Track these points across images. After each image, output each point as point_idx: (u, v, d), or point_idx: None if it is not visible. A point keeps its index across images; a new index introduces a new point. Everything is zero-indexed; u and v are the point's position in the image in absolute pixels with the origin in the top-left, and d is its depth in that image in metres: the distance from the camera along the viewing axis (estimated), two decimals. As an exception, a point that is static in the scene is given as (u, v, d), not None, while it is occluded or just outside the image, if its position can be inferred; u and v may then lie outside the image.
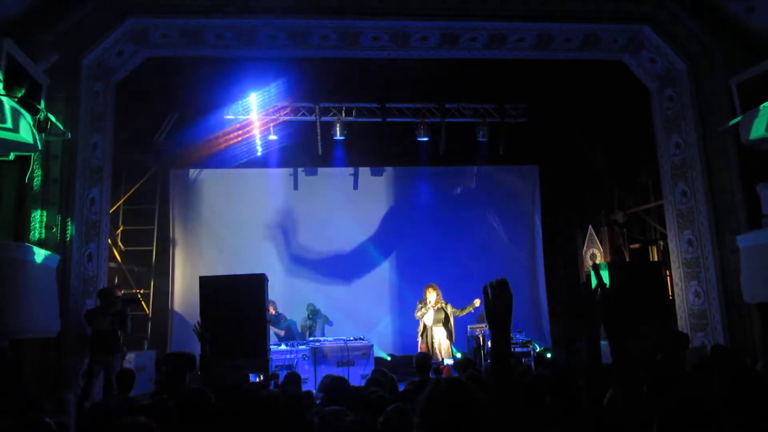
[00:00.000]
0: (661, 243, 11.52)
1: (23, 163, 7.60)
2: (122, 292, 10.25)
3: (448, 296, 10.63)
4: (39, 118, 6.98)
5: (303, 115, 12.03)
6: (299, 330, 11.53)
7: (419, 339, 9.96)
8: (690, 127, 9.21)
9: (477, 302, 9.98)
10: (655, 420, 2.45)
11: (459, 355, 9.86)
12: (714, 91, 8.87)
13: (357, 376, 9.74)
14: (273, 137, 11.89)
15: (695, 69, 9.12)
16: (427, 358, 7.17)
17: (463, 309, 9.91)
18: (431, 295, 9.79)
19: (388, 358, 11.39)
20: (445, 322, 9.74)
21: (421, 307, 9.84)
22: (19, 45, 6.92)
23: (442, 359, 9.47)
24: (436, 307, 9.70)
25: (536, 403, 4.12)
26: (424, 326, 9.77)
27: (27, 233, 7.47)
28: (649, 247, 12.16)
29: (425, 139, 12.09)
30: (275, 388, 5.89)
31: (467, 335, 10.60)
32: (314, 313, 11.58)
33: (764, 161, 8.38)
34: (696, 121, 9.09)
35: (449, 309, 9.79)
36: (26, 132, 6.96)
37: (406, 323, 11.17)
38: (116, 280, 10.92)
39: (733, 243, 8.50)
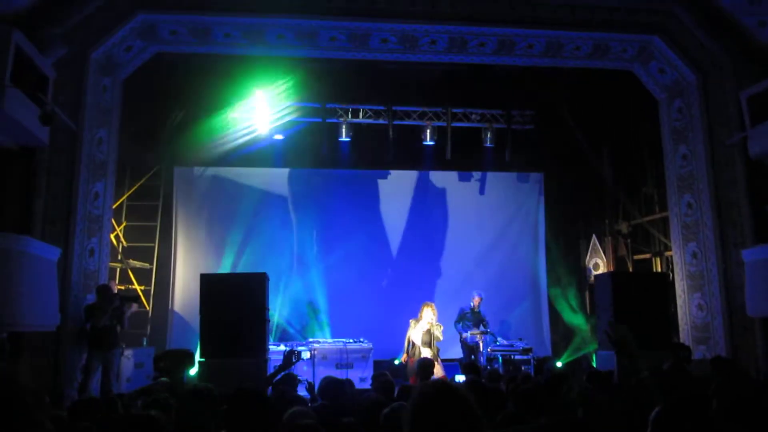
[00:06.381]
0: (666, 255, 11.46)
1: (28, 155, 7.59)
2: (117, 288, 10.23)
3: (449, 302, 10.59)
4: (45, 111, 6.96)
5: (309, 115, 12.01)
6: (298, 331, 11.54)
7: (404, 355, 9.77)
8: (698, 139, 9.17)
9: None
10: (650, 422, 2.44)
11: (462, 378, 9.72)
12: (723, 104, 8.82)
13: (356, 379, 9.70)
14: (278, 137, 11.87)
15: (705, 81, 9.07)
16: (431, 364, 7.09)
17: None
18: (427, 314, 9.57)
19: (397, 363, 11.31)
20: (431, 344, 9.56)
21: (413, 327, 9.67)
22: (28, 37, 6.92)
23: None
24: (424, 329, 9.53)
25: (534, 409, 4.10)
26: (413, 344, 9.59)
27: (29, 225, 7.44)
28: (653, 259, 12.10)
29: (431, 143, 12.06)
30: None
31: (461, 341, 10.59)
32: (312, 313, 11.59)
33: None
34: (704, 134, 9.05)
35: (437, 332, 9.56)
36: (32, 124, 6.96)
37: (406, 329, 11.12)
38: (116, 278, 10.90)
39: (737, 256, 8.44)
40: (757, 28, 8.14)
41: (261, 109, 11.47)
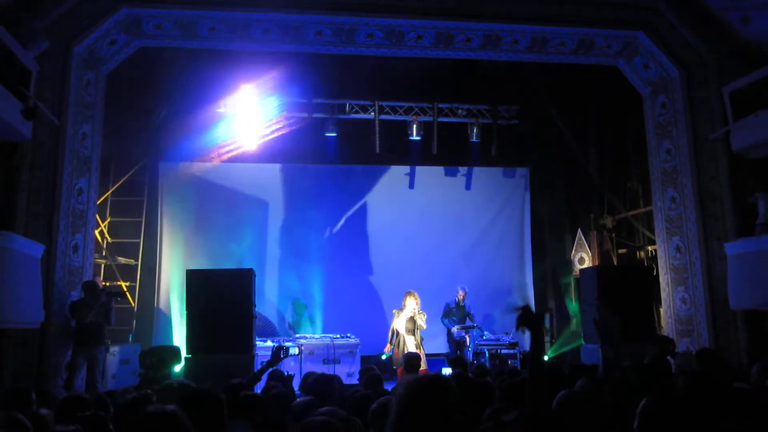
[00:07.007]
0: (649, 249, 11.55)
1: (10, 150, 7.50)
2: (103, 284, 10.14)
3: (436, 297, 10.59)
4: (28, 105, 6.88)
5: (295, 110, 11.96)
6: (286, 326, 11.51)
7: (388, 345, 9.82)
8: (681, 133, 9.25)
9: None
10: (637, 415, 2.46)
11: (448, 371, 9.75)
12: (706, 98, 8.91)
13: (343, 374, 9.70)
14: (264, 132, 11.81)
15: (688, 76, 9.15)
16: (417, 358, 7.12)
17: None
18: (410, 302, 9.61)
19: (384, 357, 11.33)
20: (415, 332, 9.60)
21: (397, 317, 9.71)
22: (10, 30, 6.83)
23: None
24: (408, 317, 9.57)
25: (522, 403, 4.12)
26: (396, 332, 9.64)
27: (12, 221, 7.36)
28: (637, 253, 12.20)
29: (418, 138, 12.06)
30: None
31: (448, 336, 10.64)
32: (301, 309, 11.56)
33: (754, 170, 8.44)
34: (687, 128, 9.13)
35: (420, 320, 9.56)
36: (14, 118, 6.88)
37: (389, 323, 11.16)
38: (101, 274, 10.81)
39: (720, 250, 8.54)
40: (740, 24, 8.23)
41: (246, 104, 11.40)
